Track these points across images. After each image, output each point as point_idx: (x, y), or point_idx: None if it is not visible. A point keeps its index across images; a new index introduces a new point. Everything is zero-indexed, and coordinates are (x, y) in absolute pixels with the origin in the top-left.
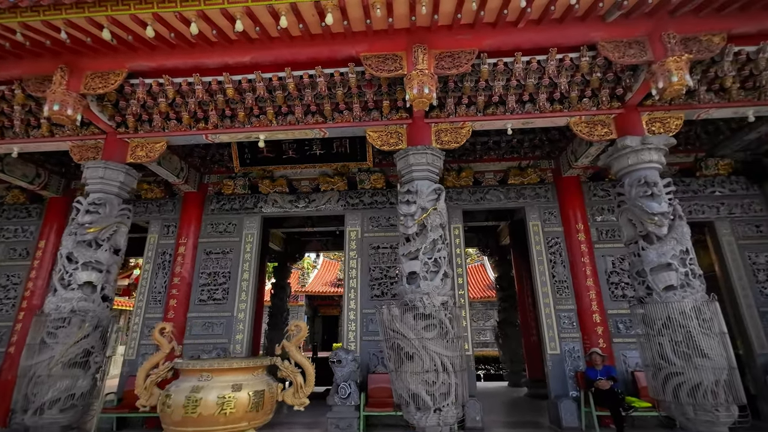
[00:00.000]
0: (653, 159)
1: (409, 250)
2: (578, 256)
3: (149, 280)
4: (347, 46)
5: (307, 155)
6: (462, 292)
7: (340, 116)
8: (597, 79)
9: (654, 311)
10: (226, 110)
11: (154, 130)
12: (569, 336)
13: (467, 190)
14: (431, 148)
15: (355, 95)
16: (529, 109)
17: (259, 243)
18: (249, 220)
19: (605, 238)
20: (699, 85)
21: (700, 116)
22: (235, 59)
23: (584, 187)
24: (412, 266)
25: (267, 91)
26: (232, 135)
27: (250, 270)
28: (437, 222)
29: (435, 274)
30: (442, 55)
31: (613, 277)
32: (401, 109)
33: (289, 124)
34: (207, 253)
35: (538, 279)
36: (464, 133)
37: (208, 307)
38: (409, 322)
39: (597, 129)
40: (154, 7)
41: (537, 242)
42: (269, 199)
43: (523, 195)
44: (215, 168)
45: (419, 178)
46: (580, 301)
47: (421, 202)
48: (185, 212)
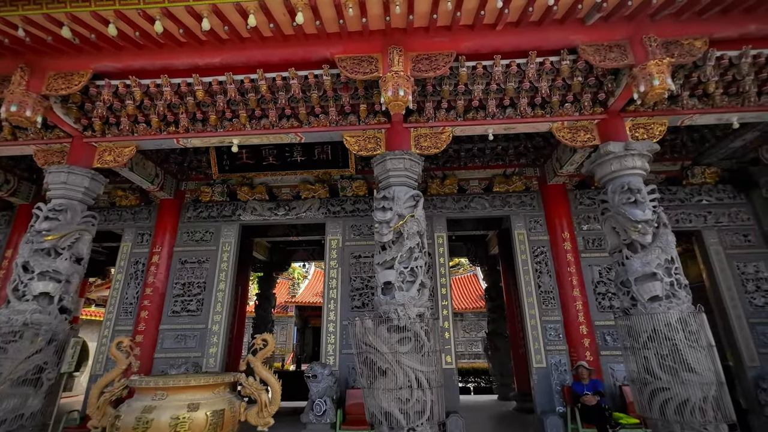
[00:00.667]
0: (637, 165)
1: (385, 258)
2: (564, 266)
3: (120, 291)
4: (321, 48)
5: (288, 162)
6: (445, 303)
7: (317, 120)
8: (578, 84)
9: (639, 323)
10: (198, 113)
11: (122, 134)
12: (556, 348)
13: (451, 197)
14: (409, 153)
15: (331, 99)
16: (511, 114)
17: (236, 252)
18: (227, 228)
19: (592, 248)
20: (682, 91)
21: (684, 122)
22: (205, 60)
23: (570, 195)
24: (387, 276)
25: (239, 94)
26: (204, 139)
27: (226, 280)
28: (414, 229)
29: (411, 284)
30: (419, 57)
31: (600, 288)
32: (379, 114)
33: (263, 128)
34: (182, 263)
35: (523, 289)
36: (444, 138)
37: (182, 319)
38: (383, 334)
39: (580, 135)
40: (116, 4)
41: (522, 251)
42: (248, 207)
43: (508, 203)
44: (193, 175)
45: (396, 184)
46: (566, 312)
47: (398, 209)
48: (161, 220)
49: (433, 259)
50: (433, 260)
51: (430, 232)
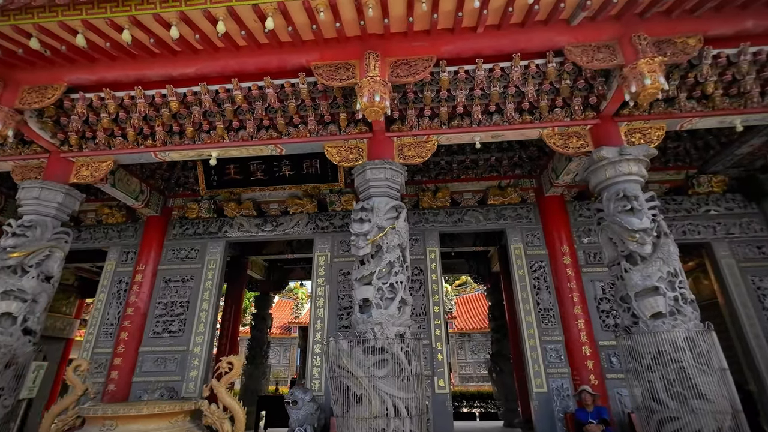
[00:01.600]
0: (633, 171)
1: (362, 274)
2: (564, 281)
3: (102, 311)
4: (297, 55)
5: (276, 176)
6: (438, 322)
7: (296, 131)
8: (567, 87)
9: (641, 343)
10: (174, 126)
11: (99, 148)
12: (557, 371)
13: (444, 211)
14: (390, 162)
15: (310, 108)
16: (498, 121)
17: (221, 270)
18: (213, 245)
19: (593, 262)
20: (679, 92)
21: (684, 126)
22: (179, 71)
23: (569, 206)
24: (365, 292)
25: (215, 104)
26: (182, 152)
27: (210, 299)
28: (395, 242)
29: (390, 301)
30: (398, 62)
31: (603, 304)
32: (360, 123)
33: (241, 140)
34: (166, 282)
35: (521, 307)
36: (429, 147)
37: (163, 341)
38: (358, 357)
39: (572, 141)
40: (82, 14)
41: (519, 266)
42: (235, 223)
43: (503, 216)
44: (180, 191)
45: (377, 195)
46: (567, 331)
47: (378, 221)
48: (146, 237)
49: (425, 276)
50: (425, 276)
51: (422, 246)
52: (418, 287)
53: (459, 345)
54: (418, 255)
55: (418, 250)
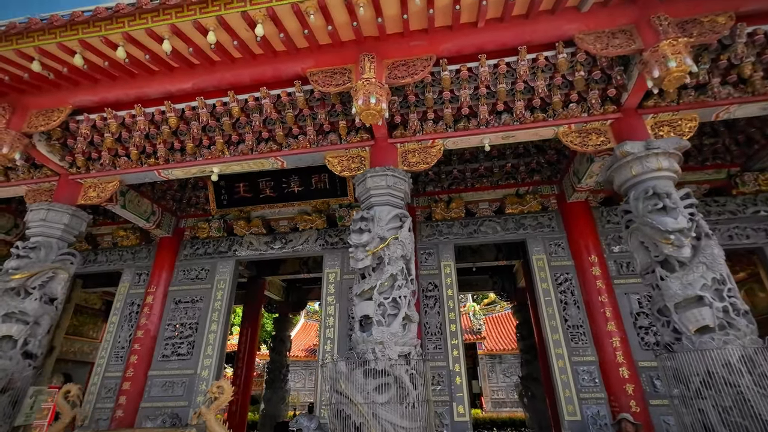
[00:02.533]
0: (663, 166)
1: (362, 288)
2: (594, 295)
3: (114, 334)
4: (292, 64)
5: (285, 193)
6: (455, 342)
7: (296, 142)
8: (581, 79)
9: (687, 363)
10: (175, 143)
11: (105, 169)
12: (592, 396)
13: (459, 222)
14: (392, 169)
15: (308, 117)
16: (507, 121)
17: (231, 290)
18: (222, 264)
19: (626, 272)
20: (710, 77)
21: (720, 116)
22: (176, 86)
23: (595, 213)
24: (365, 308)
25: (214, 119)
26: (185, 169)
27: (219, 320)
28: (398, 254)
29: (393, 317)
30: (396, 64)
31: (641, 320)
32: (361, 130)
33: (241, 154)
34: (176, 303)
35: (546, 324)
36: (435, 152)
37: (171, 364)
38: (358, 380)
39: (591, 138)
40: (79, 33)
41: (543, 279)
42: (244, 242)
43: (523, 225)
44: (192, 211)
45: (379, 204)
46: (601, 350)
47: (379, 231)
48: (158, 259)
49: (440, 292)
50: (440, 292)
51: (436, 261)
52: (432, 304)
53: (490, 368)
54: (432, 270)
55: (432, 264)
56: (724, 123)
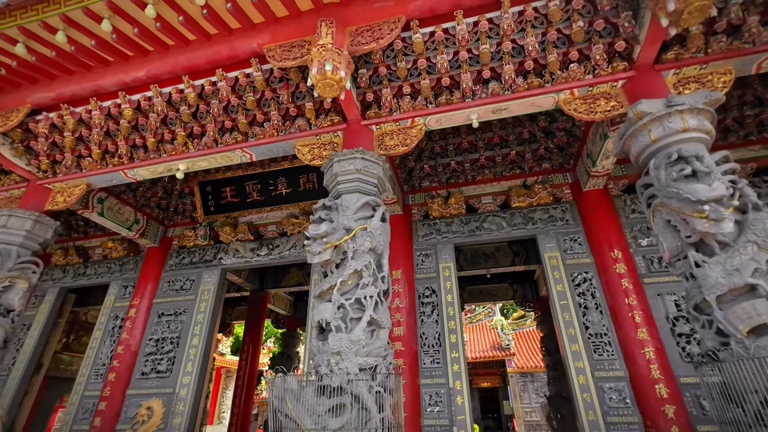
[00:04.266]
0: (690, 126)
1: (321, 288)
2: (620, 297)
3: (96, 350)
4: (248, 40)
5: (272, 196)
6: (456, 355)
7: (261, 131)
8: (581, 32)
9: (740, 376)
10: (137, 139)
11: (70, 172)
12: (622, 421)
13: (459, 219)
14: (362, 151)
15: (272, 101)
16: (496, 90)
17: (216, 301)
18: (207, 274)
19: (659, 269)
20: (746, 14)
21: (762, 66)
22: (130, 75)
23: (617, 202)
24: (322, 312)
25: (172, 109)
26: (151, 169)
27: (201, 334)
28: (365, 246)
29: (356, 322)
30: (360, 30)
31: (680, 325)
32: (331, 112)
33: (206, 148)
34: (159, 316)
35: (563, 332)
36: (415, 133)
37: (150, 382)
38: (309, 400)
39: (600, 104)
40: (17, 19)
41: (557, 280)
42: (230, 249)
43: (532, 219)
44: (179, 219)
45: (347, 191)
46: (632, 364)
47: (345, 221)
48: (144, 270)
49: (438, 297)
50: (439, 298)
51: (433, 262)
52: (429, 311)
53: (521, 386)
54: (429, 273)
55: (429, 266)
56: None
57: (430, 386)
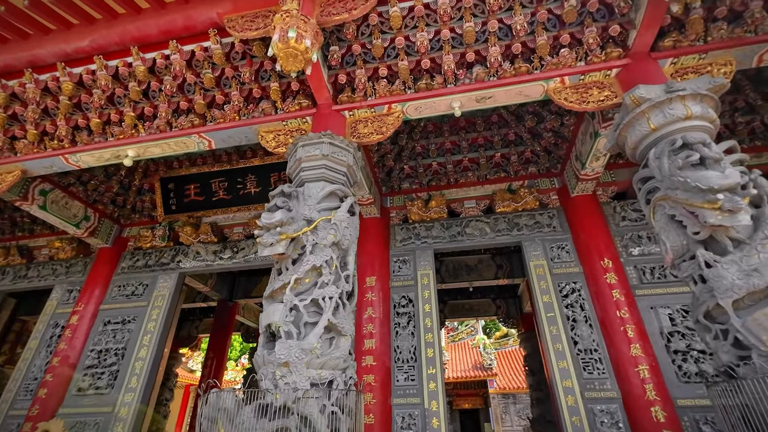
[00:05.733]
0: (693, 113)
1: (273, 288)
2: (611, 309)
3: (29, 362)
4: (206, 8)
5: (241, 195)
6: (433, 371)
7: (222, 114)
8: (573, 12)
9: (764, 395)
10: (79, 119)
11: (2, 155)
12: None
13: (439, 223)
14: (330, 135)
15: (232, 80)
16: (481, 76)
17: (170, 308)
18: (163, 278)
19: (651, 280)
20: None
21: (764, 58)
22: (72, 45)
23: (606, 209)
24: (270, 315)
25: (120, 86)
26: (96, 154)
27: (150, 345)
28: (328, 240)
29: (311, 327)
30: (332, 0)
31: (675, 341)
32: (300, 95)
33: (158, 131)
34: (105, 324)
35: (550, 348)
36: (392, 120)
37: (87, 399)
38: (246, 422)
39: (592, 94)
40: None
41: (544, 290)
42: (190, 252)
43: (517, 225)
44: (137, 218)
45: (311, 179)
46: (625, 383)
47: (306, 211)
48: (93, 272)
49: (415, 307)
50: (416, 308)
51: (411, 269)
52: (405, 323)
53: (503, 408)
54: (406, 280)
55: (406, 273)
56: (763, 95)
57: (404, 407)
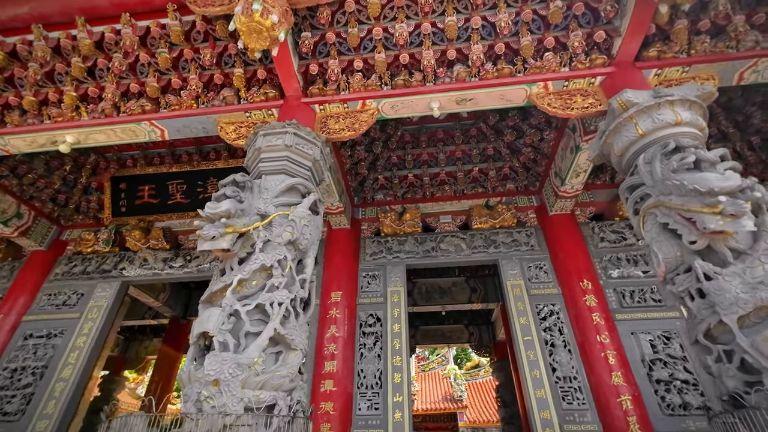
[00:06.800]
0: (683, 119)
1: (212, 290)
2: (591, 333)
3: None
4: None
5: (200, 199)
6: (399, 399)
7: (177, 100)
8: (558, 13)
9: None
10: (10, 97)
11: None
12: None
13: (413, 238)
14: (295, 125)
15: (192, 63)
16: (463, 75)
17: (105, 321)
18: (102, 287)
19: (631, 304)
20: (734, 11)
21: (744, 76)
22: (8, 12)
23: (585, 230)
24: (204, 322)
25: (61, 60)
26: (28, 138)
27: (77, 363)
28: (283, 238)
29: (252, 337)
30: None
31: (657, 370)
32: (267, 85)
33: (104, 116)
34: (26, 338)
35: (527, 374)
36: (366, 118)
37: None
38: None
39: (576, 101)
40: None
41: (521, 312)
42: (137, 259)
43: (494, 243)
44: (80, 220)
45: (270, 172)
46: (606, 415)
47: (260, 204)
48: (20, 278)
49: (383, 327)
50: (383, 328)
51: (381, 285)
52: (372, 343)
53: None
54: (375, 297)
55: (375, 290)
56: (735, 124)
57: None
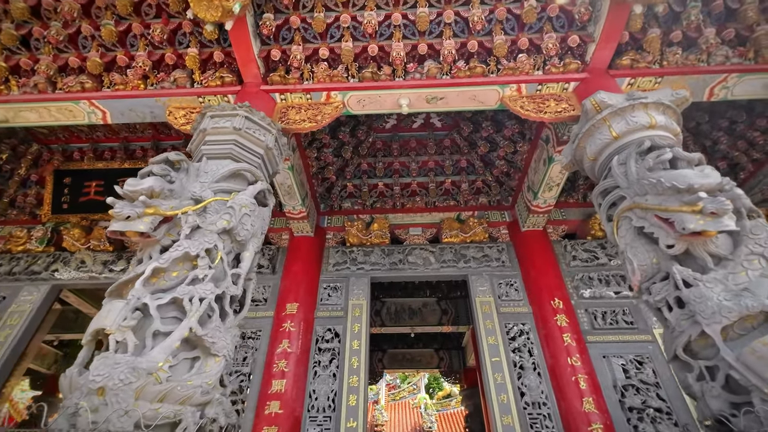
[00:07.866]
0: (657, 123)
1: (121, 280)
2: (562, 356)
3: None
4: None
5: None
6: (354, 425)
7: (122, 79)
8: (532, 12)
9: None
10: None
11: None
12: None
13: (380, 249)
14: (248, 109)
15: (141, 39)
16: (433, 72)
17: (25, 330)
18: (29, 290)
19: (603, 326)
20: (705, 24)
21: (714, 91)
22: None
23: (557, 248)
24: (103, 317)
25: None
26: None
27: None
28: (219, 225)
29: (162, 338)
30: None
31: (629, 397)
32: (224, 69)
33: (38, 92)
34: None
35: (494, 399)
36: (330, 111)
37: None
38: None
39: (549, 105)
40: None
41: (489, 331)
42: (73, 260)
43: (464, 257)
44: (14, 215)
45: (214, 156)
46: None
47: (196, 188)
48: None
49: (341, 343)
50: (342, 344)
51: (342, 298)
52: (327, 361)
53: None
54: (335, 311)
55: (336, 303)
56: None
57: None
